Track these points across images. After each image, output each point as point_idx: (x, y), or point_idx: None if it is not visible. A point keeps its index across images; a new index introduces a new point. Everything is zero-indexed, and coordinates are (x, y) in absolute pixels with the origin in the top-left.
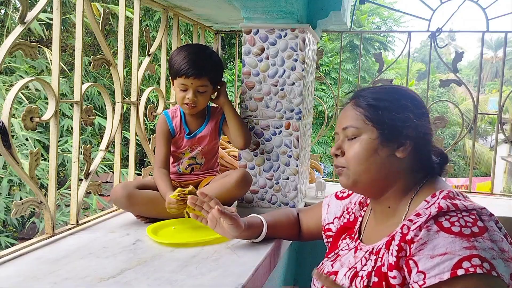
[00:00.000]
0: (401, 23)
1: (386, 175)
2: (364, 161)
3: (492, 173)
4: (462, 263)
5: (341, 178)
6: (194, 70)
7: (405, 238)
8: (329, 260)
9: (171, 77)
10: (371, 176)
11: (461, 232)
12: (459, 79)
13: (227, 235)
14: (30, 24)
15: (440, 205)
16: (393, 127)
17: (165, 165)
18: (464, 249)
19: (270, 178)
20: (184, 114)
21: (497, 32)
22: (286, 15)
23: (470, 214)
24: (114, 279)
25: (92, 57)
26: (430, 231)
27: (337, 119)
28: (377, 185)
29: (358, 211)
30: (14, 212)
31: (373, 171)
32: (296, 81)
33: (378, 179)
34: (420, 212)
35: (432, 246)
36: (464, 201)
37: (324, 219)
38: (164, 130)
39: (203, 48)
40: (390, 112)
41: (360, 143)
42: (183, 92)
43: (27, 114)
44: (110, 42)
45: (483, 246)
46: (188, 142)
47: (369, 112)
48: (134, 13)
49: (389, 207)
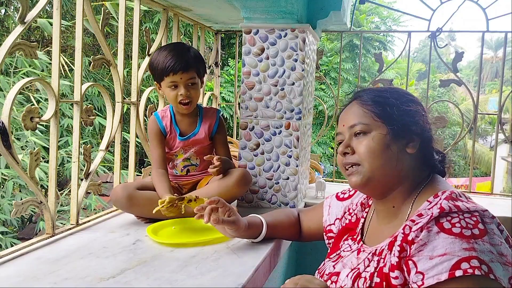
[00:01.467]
0: (400, 22)
1: (399, 172)
2: (378, 156)
3: (492, 173)
4: (461, 264)
5: (351, 178)
6: (180, 63)
7: (406, 238)
8: (331, 260)
9: (157, 81)
10: (385, 172)
11: (461, 233)
12: (459, 79)
13: (228, 234)
14: (30, 24)
15: (442, 206)
16: (402, 122)
17: (162, 165)
18: (464, 250)
19: (270, 178)
20: (174, 114)
21: (497, 32)
22: (286, 15)
23: (472, 216)
24: (114, 279)
25: (92, 57)
26: (430, 232)
27: (338, 119)
28: (389, 182)
29: (360, 212)
30: (14, 212)
31: (388, 166)
32: (296, 81)
33: (392, 175)
34: (422, 213)
35: (432, 247)
36: (467, 202)
37: (325, 220)
38: (156, 131)
39: (181, 44)
40: (398, 108)
41: (372, 139)
42: (174, 90)
43: (27, 114)
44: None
45: (482, 249)
46: (181, 144)
47: (377, 109)
48: (134, 13)
49: (394, 206)
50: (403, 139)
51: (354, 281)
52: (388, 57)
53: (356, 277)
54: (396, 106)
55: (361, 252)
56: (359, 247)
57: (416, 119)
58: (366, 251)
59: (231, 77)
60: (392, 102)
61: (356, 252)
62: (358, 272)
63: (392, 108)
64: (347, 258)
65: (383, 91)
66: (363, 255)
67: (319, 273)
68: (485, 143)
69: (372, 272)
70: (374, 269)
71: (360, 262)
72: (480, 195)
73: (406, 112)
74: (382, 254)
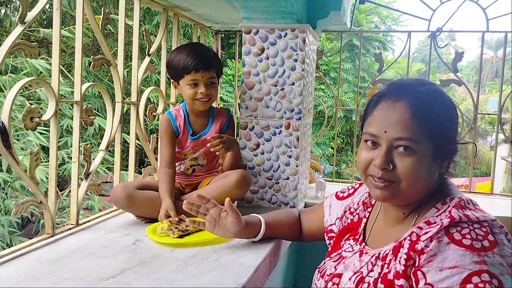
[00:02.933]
0: (400, 22)
1: (428, 187)
2: (420, 178)
3: (492, 173)
4: (472, 278)
5: (380, 192)
6: (203, 62)
7: (414, 246)
8: (332, 260)
9: (175, 78)
10: (417, 190)
11: (472, 246)
12: (459, 79)
13: (226, 234)
14: (30, 24)
15: (452, 215)
16: (446, 144)
17: (171, 165)
18: (474, 263)
19: (270, 178)
20: (188, 114)
21: (497, 32)
22: (286, 15)
23: (481, 227)
24: (114, 279)
25: (92, 57)
26: (440, 242)
27: (366, 114)
28: (416, 197)
29: (362, 212)
30: (14, 212)
31: (422, 186)
32: (296, 81)
33: (421, 193)
34: (430, 220)
35: (442, 258)
36: (475, 211)
37: (327, 220)
38: (168, 130)
39: (201, 44)
40: (445, 125)
41: (418, 160)
42: (194, 88)
43: (27, 114)
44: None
45: (493, 262)
46: (192, 143)
47: (429, 123)
48: (134, 13)
49: (404, 213)
50: (441, 160)
51: (357, 285)
52: (388, 57)
53: (360, 281)
54: (444, 123)
55: (363, 254)
56: (361, 249)
57: (456, 136)
58: (369, 253)
59: (229, 77)
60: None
61: (359, 253)
62: (361, 276)
63: (442, 124)
64: (349, 259)
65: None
66: (366, 257)
67: (319, 272)
68: (485, 143)
69: (376, 278)
70: (378, 275)
71: (363, 266)
72: (480, 195)
73: (450, 129)
74: (386, 259)
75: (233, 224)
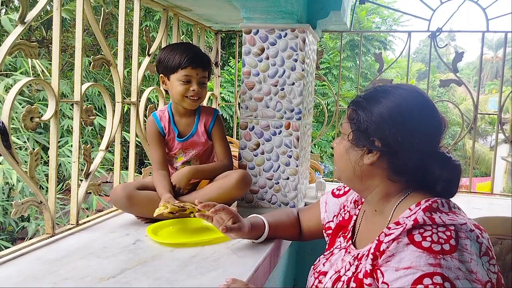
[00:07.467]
0: (400, 22)
1: (359, 178)
2: (338, 159)
3: (492, 173)
4: (423, 280)
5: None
6: (200, 61)
7: (379, 246)
8: (325, 257)
9: (166, 72)
10: (347, 175)
11: (430, 248)
12: (459, 79)
13: (230, 236)
14: (30, 24)
15: (417, 218)
16: (364, 131)
17: (163, 167)
18: (429, 265)
19: (270, 178)
20: (173, 115)
21: (497, 32)
22: (286, 15)
23: (446, 230)
24: (114, 279)
25: (92, 57)
26: (399, 243)
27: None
28: (354, 185)
29: (352, 210)
30: (14, 212)
31: (347, 171)
32: (296, 81)
33: (353, 179)
34: (399, 221)
35: (399, 259)
36: (446, 214)
37: (324, 218)
38: (155, 132)
39: (194, 45)
40: (368, 112)
41: (340, 141)
42: (186, 85)
43: (27, 114)
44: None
45: (449, 265)
46: (180, 145)
47: (353, 111)
48: (134, 13)
49: (376, 210)
50: (363, 148)
51: (334, 284)
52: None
53: (336, 280)
54: (366, 110)
55: (346, 254)
56: (347, 247)
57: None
58: (351, 253)
59: (232, 76)
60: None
61: (344, 252)
62: (338, 275)
63: (364, 112)
64: (334, 257)
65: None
66: (347, 257)
67: (313, 269)
68: (485, 143)
69: (350, 277)
70: (352, 274)
71: (344, 265)
72: (480, 195)
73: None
74: (362, 260)
75: (236, 236)
